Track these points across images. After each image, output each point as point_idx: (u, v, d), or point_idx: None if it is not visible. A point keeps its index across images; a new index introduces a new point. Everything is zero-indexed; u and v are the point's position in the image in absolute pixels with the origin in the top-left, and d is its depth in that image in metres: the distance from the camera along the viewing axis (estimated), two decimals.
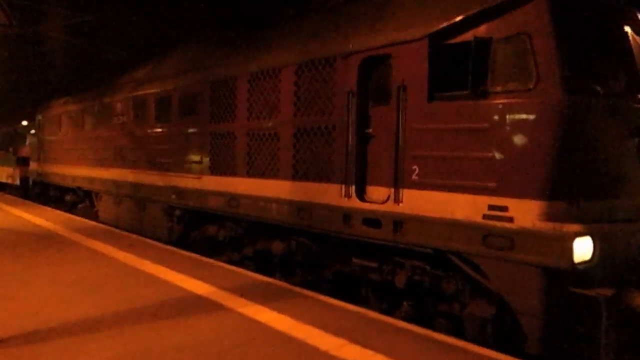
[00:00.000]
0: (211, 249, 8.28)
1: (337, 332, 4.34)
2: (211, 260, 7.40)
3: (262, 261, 7.37)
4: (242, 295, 5.41)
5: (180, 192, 8.58)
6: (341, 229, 5.64)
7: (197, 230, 8.59)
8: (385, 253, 5.36)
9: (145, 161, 9.69)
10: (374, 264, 5.41)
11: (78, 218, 12.15)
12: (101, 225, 11.07)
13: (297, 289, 5.81)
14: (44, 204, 15.59)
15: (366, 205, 5.38)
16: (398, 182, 5.07)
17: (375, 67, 5.40)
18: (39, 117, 16.34)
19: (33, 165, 16.89)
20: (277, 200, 6.50)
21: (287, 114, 6.37)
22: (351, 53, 5.54)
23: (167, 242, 8.98)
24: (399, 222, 5.04)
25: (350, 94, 5.52)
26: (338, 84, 5.69)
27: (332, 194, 5.75)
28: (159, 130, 9.22)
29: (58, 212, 13.22)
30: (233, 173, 7.38)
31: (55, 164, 14.56)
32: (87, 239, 8.89)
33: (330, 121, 5.78)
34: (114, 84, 11.72)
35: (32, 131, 17.98)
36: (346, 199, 5.58)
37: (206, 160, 7.93)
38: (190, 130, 8.32)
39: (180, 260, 7.27)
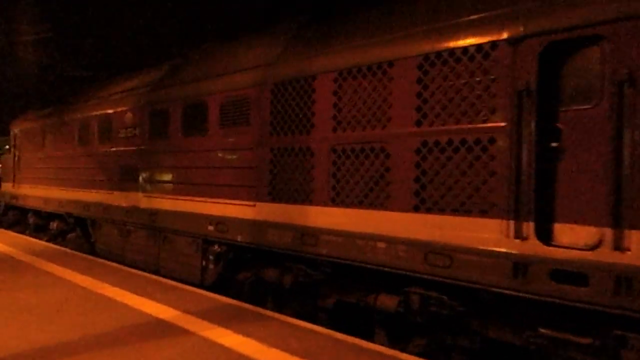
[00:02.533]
0: (270, 297, 6.46)
1: (304, 355, 4.27)
2: (174, 283, 7.13)
3: (347, 316, 5.63)
4: (205, 319, 5.27)
5: (221, 222, 6.75)
6: (508, 283, 3.98)
7: (247, 273, 6.74)
8: (590, 318, 3.73)
9: (167, 183, 7.81)
10: (586, 340, 3.74)
11: (36, 241, 11.54)
12: (60, 247, 10.52)
13: (263, 311, 5.70)
14: (21, 232, 13.30)
15: (557, 252, 3.75)
16: (619, 219, 3.48)
17: (568, 54, 3.83)
18: (15, 130, 14.11)
19: (6, 187, 14.55)
20: (388, 239, 4.80)
21: (405, 122, 4.73)
22: (525, 36, 3.96)
23: (198, 285, 7.10)
24: (624, 279, 3.43)
25: (524, 94, 3.93)
26: (499, 80, 4.10)
27: (488, 233, 4.10)
28: (190, 144, 7.40)
29: (14, 234, 12.31)
30: (307, 200, 5.64)
31: (37, 186, 12.38)
32: (44, 262, 8.54)
33: (484, 131, 4.17)
34: (118, 89, 9.82)
35: (6, 147, 15.64)
36: (518, 240, 3.94)
37: (263, 182, 6.16)
38: (237, 144, 6.56)
39: (141, 283, 7.06)
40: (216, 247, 6.98)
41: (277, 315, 5.58)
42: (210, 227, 6.95)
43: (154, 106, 8.25)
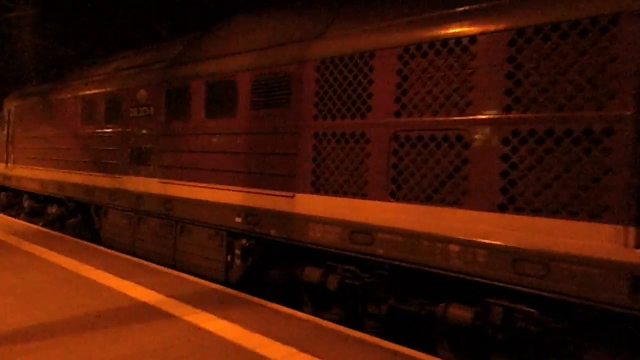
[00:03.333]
0: (307, 298, 5.83)
1: (287, 341, 4.28)
2: (158, 267, 7.02)
3: (401, 325, 5.02)
4: (189, 303, 5.23)
5: (251, 214, 6.07)
6: (625, 300, 3.38)
7: (281, 271, 6.08)
8: None
9: (186, 168, 7.09)
10: None
11: (19, 222, 11.27)
12: (42, 228, 10.35)
13: (248, 297, 5.64)
14: (15, 216, 12.48)
15: None
16: None
17: None
18: (11, 107, 13.19)
19: None
20: (464, 242, 4.17)
21: (490, 107, 4.07)
22: None
23: (222, 282, 6.44)
24: None
25: None
26: (621, 59, 3.45)
27: (600, 240, 3.48)
28: (214, 126, 6.67)
29: None
30: (359, 193, 4.98)
31: (34, 166, 11.55)
32: (26, 243, 8.40)
33: (598, 120, 3.53)
34: (128, 65, 9.00)
35: None
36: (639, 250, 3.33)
37: (305, 171, 5.49)
38: (272, 128, 5.86)
39: (126, 266, 6.96)
40: (244, 241, 6.30)
41: (261, 301, 5.50)
42: (238, 219, 6.27)
43: (172, 84, 7.49)
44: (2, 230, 9.80)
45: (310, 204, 5.43)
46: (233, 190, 6.34)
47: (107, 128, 8.91)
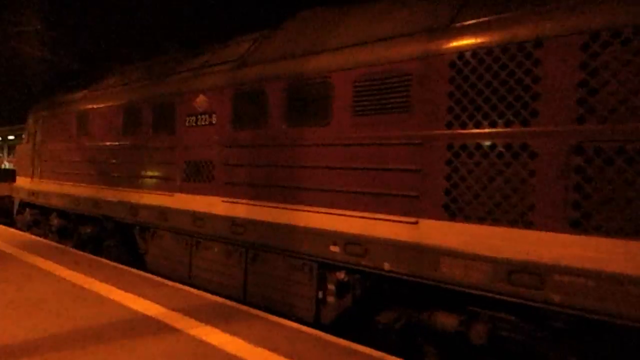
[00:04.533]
0: (431, 348, 4.71)
1: (290, 355, 4.23)
2: (161, 279, 6.93)
3: None
4: (192, 317, 5.18)
5: (354, 242, 4.98)
6: None
7: (397, 315, 4.95)
8: None
9: (261, 185, 6.03)
10: None
11: (22, 233, 11.02)
12: (44, 240, 10.08)
13: (250, 310, 5.59)
14: (43, 235, 11.44)
15: None
16: None
17: None
18: (36, 118, 12.22)
19: (23, 182, 12.65)
20: None
21: None
22: None
23: (312, 325, 5.33)
24: None
25: None
26: None
27: None
28: (300, 136, 5.62)
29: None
30: (520, 221, 3.89)
31: (64, 181, 10.51)
32: (29, 255, 8.33)
33: None
34: (179, 69, 8.00)
35: (23, 136, 13.70)
36: None
37: (434, 191, 4.41)
38: (386, 137, 4.80)
39: (129, 279, 6.87)
40: (342, 274, 5.20)
41: (264, 314, 5.44)
42: (334, 248, 5.18)
43: (240, 87, 6.46)
44: (4, 241, 9.53)
45: (443, 232, 4.34)
46: (326, 213, 5.27)
47: (156, 139, 7.88)
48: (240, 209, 6.32)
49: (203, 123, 7.02)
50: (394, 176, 4.72)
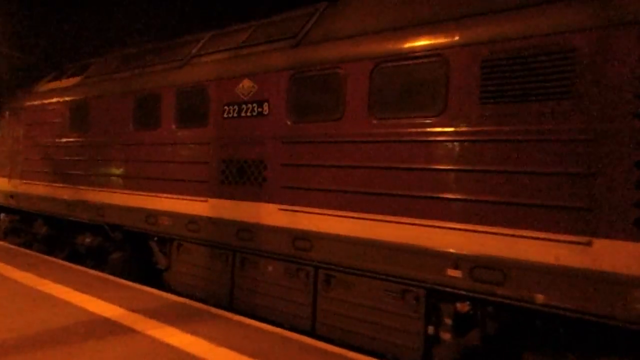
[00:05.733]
0: None
1: (253, 354, 4.17)
2: (122, 280, 6.73)
3: None
4: (153, 318, 5.04)
5: (488, 266, 3.88)
6: None
7: (548, 358, 3.87)
8: None
9: (338, 191, 4.85)
10: None
11: None
12: None
13: (213, 310, 5.45)
14: (25, 245, 9.84)
15: None
16: None
17: None
18: (15, 110, 10.55)
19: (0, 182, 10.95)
20: None
21: None
22: None
23: None
24: None
25: None
26: None
27: None
28: (394, 130, 4.48)
29: None
30: None
31: (54, 183, 8.98)
32: None
33: None
34: (211, 49, 6.69)
35: None
36: None
37: (619, 204, 3.36)
38: (535, 131, 3.72)
39: (87, 280, 6.66)
40: (464, 306, 4.10)
41: (227, 313, 5.35)
42: (453, 272, 4.07)
43: (303, 70, 5.25)
44: None
45: (635, 257, 3.29)
46: (442, 228, 4.15)
47: (181, 133, 6.56)
48: (306, 220, 5.12)
49: (249, 114, 5.77)
50: (548, 181, 3.65)
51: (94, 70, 8.92)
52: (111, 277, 6.88)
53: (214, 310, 5.43)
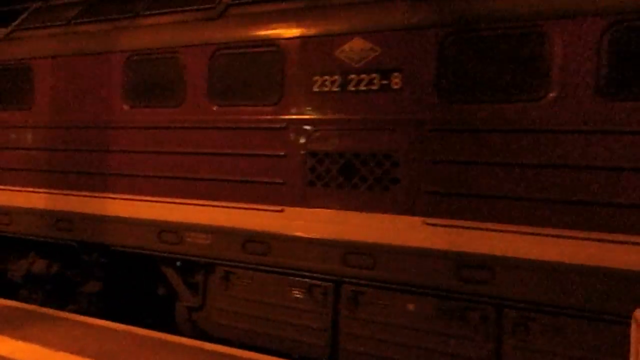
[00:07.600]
0: None
1: (98, 356, 3.97)
2: None
3: None
4: None
5: None
6: None
7: None
8: None
9: (542, 200, 3.43)
10: None
11: None
12: None
13: (55, 312, 5.07)
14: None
15: None
16: None
17: None
18: None
19: None
20: None
21: None
22: None
23: None
24: None
25: None
26: None
27: None
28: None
29: None
30: None
31: (35, 187, 6.08)
32: None
33: None
34: None
35: None
36: None
37: None
38: None
39: None
40: None
41: (70, 315, 4.99)
42: None
43: (461, 26, 3.71)
44: None
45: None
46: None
47: (227, 112, 4.55)
48: (479, 239, 3.59)
49: (363, 87, 4.04)
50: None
51: (38, 17, 6.22)
52: None
53: (55, 312, 5.02)
